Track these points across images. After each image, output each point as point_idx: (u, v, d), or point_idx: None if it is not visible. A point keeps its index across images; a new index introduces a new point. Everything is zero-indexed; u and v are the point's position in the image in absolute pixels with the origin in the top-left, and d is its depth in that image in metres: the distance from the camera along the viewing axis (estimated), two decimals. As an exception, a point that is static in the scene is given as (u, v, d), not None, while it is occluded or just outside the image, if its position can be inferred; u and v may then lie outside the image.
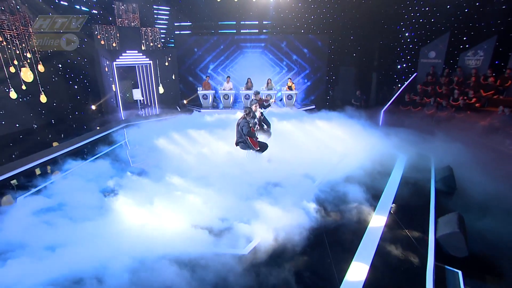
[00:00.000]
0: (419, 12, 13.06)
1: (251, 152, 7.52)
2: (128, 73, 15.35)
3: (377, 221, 5.32)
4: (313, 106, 14.60)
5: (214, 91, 14.85)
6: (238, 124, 7.21)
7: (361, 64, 15.22)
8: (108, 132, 11.00)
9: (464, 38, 11.81)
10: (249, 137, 7.10)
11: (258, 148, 7.44)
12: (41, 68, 11.05)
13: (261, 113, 8.06)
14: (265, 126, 8.50)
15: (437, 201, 6.00)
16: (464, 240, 4.56)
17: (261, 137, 8.18)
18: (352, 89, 14.85)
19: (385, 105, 12.71)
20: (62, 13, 11.58)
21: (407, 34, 13.68)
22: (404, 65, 14.01)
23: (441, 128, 9.95)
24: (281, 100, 15.11)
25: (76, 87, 12.74)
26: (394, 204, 5.93)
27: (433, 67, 12.49)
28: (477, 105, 10.20)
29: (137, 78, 14.87)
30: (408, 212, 5.69)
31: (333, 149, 8.61)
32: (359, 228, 5.10)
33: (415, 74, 13.44)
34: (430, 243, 4.72)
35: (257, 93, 8.84)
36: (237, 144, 7.41)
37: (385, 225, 5.19)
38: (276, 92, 14.56)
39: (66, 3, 11.88)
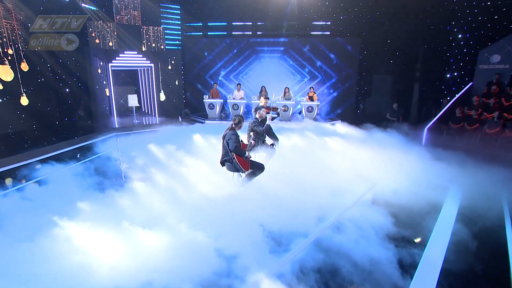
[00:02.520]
0: (477, 7, 10.86)
1: (240, 175, 5.80)
2: (131, 78, 14.46)
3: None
4: (339, 121, 12.63)
5: (222, 100, 13.43)
6: (223, 137, 5.57)
7: (400, 72, 13.10)
8: (86, 143, 9.68)
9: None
10: (236, 154, 5.40)
11: (250, 171, 5.71)
12: (24, 66, 10.32)
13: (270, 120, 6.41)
14: (269, 142, 6.90)
15: (521, 270, 3.80)
16: None
17: (261, 155, 6.52)
18: (388, 102, 12.72)
19: (430, 121, 10.46)
20: (56, 6, 10.92)
21: (460, 36, 11.47)
22: (456, 74, 11.71)
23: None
24: (300, 112, 13.36)
25: (67, 90, 11.84)
26: (444, 270, 3.82)
27: (498, 75, 10.09)
28: None
29: (138, 83, 13.90)
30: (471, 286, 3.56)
31: (357, 174, 6.65)
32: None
33: (470, 83, 11.10)
34: None
35: (266, 98, 7.43)
36: (222, 163, 5.73)
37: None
38: (294, 103, 12.81)
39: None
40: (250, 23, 14.49)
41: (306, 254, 4.03)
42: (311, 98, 12.57)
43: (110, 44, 11.91)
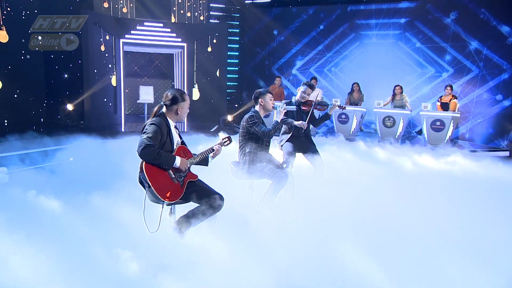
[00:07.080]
0: None
1: (173, 214, 3.35)
2: (168, 67, 12.68)
3: None
4: (507, 153, 7.79)
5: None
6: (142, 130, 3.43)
7: None
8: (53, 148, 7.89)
9: None
10: (146, 163, 3.17)
11: (198, 205, 3.25)
12: (3, 36, 9.37)
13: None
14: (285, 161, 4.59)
15: None
16: None
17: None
18: None
19: None
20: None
21: None
22: None
23: None
24: (420, 131, 9.07)
25: (66, 75, 10.56)
26: None
27: None
28: None
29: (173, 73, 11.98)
30: None
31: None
32: None
33: None
34: None
35: (310, 85, 5.04)
36: (141, 181, 3.33)
37: None
38: (410, 112, 8.51)
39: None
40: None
41: None
42: (445, 106, 8.09)
43: (125, 10, 10.06)
